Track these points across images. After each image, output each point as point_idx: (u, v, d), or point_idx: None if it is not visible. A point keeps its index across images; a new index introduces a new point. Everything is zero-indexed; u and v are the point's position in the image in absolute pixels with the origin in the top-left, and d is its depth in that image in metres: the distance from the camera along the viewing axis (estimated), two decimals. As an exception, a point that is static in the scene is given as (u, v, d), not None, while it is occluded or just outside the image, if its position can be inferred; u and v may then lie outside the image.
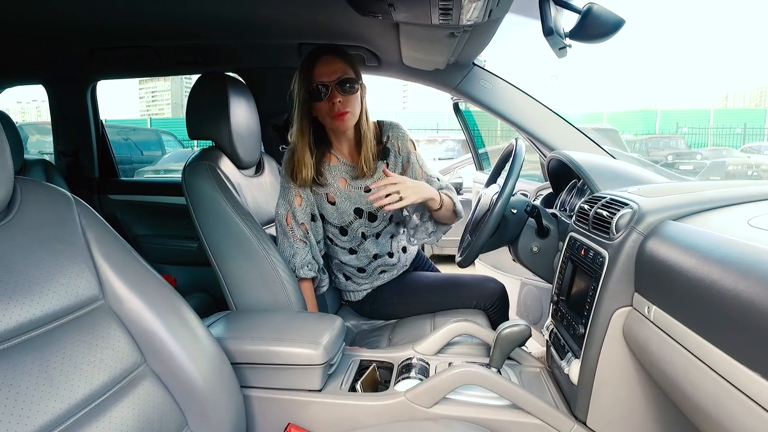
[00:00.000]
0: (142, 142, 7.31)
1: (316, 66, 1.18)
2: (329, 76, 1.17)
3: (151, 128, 11.64)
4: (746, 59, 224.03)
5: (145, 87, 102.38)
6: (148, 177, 6.22)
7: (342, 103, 1.18)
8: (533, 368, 1.07)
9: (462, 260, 1.27)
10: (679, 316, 0.62)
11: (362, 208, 1.31)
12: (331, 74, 1.17)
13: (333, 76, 1.17)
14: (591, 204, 0.97)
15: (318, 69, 1.18)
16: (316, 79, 1.17)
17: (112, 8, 1.27)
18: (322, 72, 1.17)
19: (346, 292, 1.48)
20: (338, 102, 1.17)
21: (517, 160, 1.15)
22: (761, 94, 49.88)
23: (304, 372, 0.93)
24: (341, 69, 1.18)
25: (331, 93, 1.17)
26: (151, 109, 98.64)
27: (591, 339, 0.82)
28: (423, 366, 1.02)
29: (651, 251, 0.72)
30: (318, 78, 1.17)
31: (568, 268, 1.02)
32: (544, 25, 0.80)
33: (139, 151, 7.01)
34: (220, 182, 1.18)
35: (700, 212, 0.76)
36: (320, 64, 1.18)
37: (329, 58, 1.18)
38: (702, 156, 9.89)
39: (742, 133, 13.19)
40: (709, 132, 13.80)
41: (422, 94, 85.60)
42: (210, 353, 0.83)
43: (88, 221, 0.75)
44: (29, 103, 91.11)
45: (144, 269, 0.80)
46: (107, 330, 0.71)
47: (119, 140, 6.82)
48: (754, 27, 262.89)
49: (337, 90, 1.17)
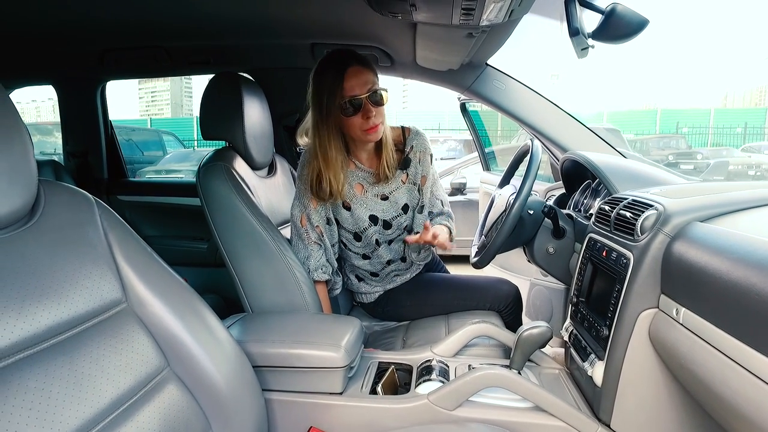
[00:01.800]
0: (142, 142, 7.30)
1: (346, 78, 1.11)
2: (360, 89, 1.12)
3: (151, 128, 11.63)
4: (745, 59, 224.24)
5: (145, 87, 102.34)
6: (150, 177, 6.21)
7: (375, 116, 1.14)
8: (552, 369, 1.07)
9: (478, 261, 1.26)
10: (712, 319, 0.62)
11: (377, 216, 1.29)
12: (362, 87, 1.12)
13: (364, 88, 1.12)
14: (612, 205, 0.96)
15: (347, 82, 1.11)
16: (348, 93, 1.11)
17: (122, 9, 1.26)
18: (352, 85, 1.11)
19: (359, 294, 1.47)
20: (373, 116, 1.13)
21: (534, 161, 1.15)
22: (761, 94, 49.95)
23: (326, 375, 0.92)
24: (370, 80, 1.13)
25: (364, 107, 1.12)
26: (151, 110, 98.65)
27: (616, 341, 0.82)
28: (443, 368, 1.01)
29: (679, 253, 0.71)
30: (349, 91, 1.11)
31: (587, 270, 1.02)
32: (570, 26, 0.80)
33: (140, 151, 7.01)
34: (236, 183, 1.17)
35: (727, 214, 0.76)
36: (349, 76, 1.11)
37: (356, 69, 1.12)
38: (702, 156, 9.89)
39: (743, 133, 13.20)
40: (710, 132, 13.81)
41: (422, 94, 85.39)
42: (232, 357, 0.82)
43: (110, 223, 0.75)
44: (29, 104, 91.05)
45: (165, 271, 0.79)
46: (131, 334, 0.71)
47: (120, 141, 6.81)
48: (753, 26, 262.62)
49: (370, 103, 1.13)
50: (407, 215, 1.32)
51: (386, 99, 1.17)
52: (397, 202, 1.29)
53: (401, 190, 1.30)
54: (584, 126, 1.54)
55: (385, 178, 1.26)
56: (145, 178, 4.64)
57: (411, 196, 1.32)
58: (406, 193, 1.31)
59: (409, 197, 1.31)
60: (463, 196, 4.14)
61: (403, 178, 1.30)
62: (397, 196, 1.29)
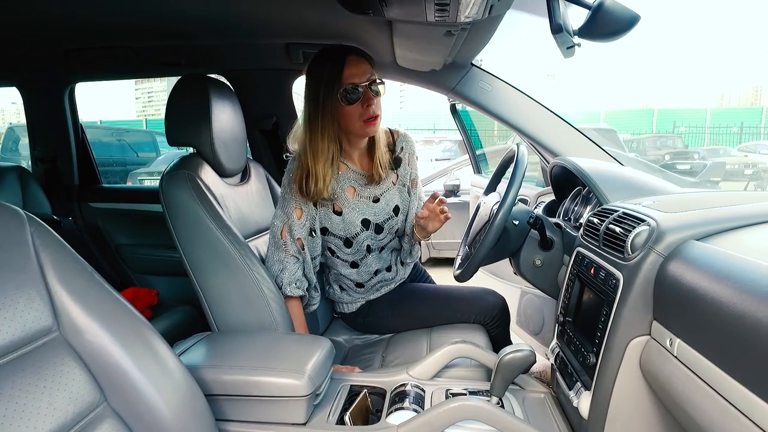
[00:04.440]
0: (136, 143, 7.21)
1: (346, 66, 1.08)
2: (360, 77, 1.09)
3: (145, 129, 11.50)
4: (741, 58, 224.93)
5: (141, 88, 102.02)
6: (142, 179, 6.12)
7: (375, 105, 1.11)
8: (537, 394, 0.99)
9: (460, 274, 1.19)
10: (711, 355, 0.54)
11: (369, 219, 1.23)
12: (361, 75, 1.09)
13: (364, 77, 1.09)
14: (601, 218, 0.89)
15: (348, 70, 1.08)
16: (347, 80, 1.08)
17: (87, 7, 1.19)
18: (352, 73, 1.08)
19: (340, 304, 1.40)
20: (373, 104, 1.10)
21: (519, 168, 1.07)
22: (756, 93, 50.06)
23: (287, 404, 0.85)
24: (369, 70, 1.11)
25: (365, 95, 1.10)
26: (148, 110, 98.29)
27: (603, 370, 0.74)
28: (418, 393, 0.94)
29: (674, 276, 0.64)
30: (349, 79, 1.08)
31: (575, 286, 0.94)
32: (552, 22, 0.72)
33: (133, 152, 6.92)
34: (200, 193, 1.09)
35: (728, 231, 0.68)
36: (349, 64, 1.09)
37: (356, 58, 1.10)
38: (699, 155, 9.86)
39: (739, 132, 13.18)
40: (706, 131, 13.79)
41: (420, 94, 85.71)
42: (182, 387, 0.75)
43: (43, 242, 0.67)
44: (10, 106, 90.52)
45: (108, 295, 0.72)
46: (61, 366, 0.63)
47: (113, 141, 6.72)
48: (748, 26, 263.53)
49: (370, 92, 1.10)
50: (398, 218, 1.28)
51: (383, 91, 1.14)
52: (388, 204, 1.26)
53: (392, 192, 1.27)
54: (575, 129, 1.47)
55: (378, 179, 1.22)
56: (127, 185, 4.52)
57: (402, 198, 1.29)
58: (397, 194, 1.28)
59: (400, 199, 1.28)
60: (456, 197, 4.08)
61: (394, 179, 1.27)
62: (388, 198, 1.26)
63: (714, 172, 7.13)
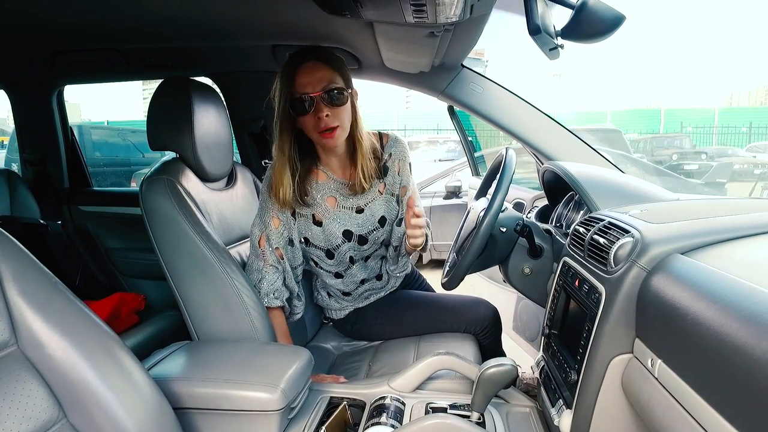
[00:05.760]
0: (142, 144, 7.22)
1: (298, 74, 1.02)
2: (313, 86, 1.01)
3: (146, 131, 11.51)
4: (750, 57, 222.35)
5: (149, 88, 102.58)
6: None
7: (330, 117, 1.02)
8: (522, 408, 0.96)
9: (447, 282, 1.15)
10: (691, 380, 0.51)
11: (352, 231, 1.17)
12: (315, 84, 1.01)
13: (318, 85, 1.01)
14: (587, 227, 0.85)
15: (300, 78, 1.02)
16: (299, 90, 1.02)
17: (73, 9, 1.17)
18: (305, 81, 1.02)
19: (328, 310, 1.37)
20: (325, 117, 1.02)
21: (505, 174, 1.04)
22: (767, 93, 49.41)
23: (260, 418, 0.82)
24: (327, 77, 1.02)
25: (316, 106, 1.02)
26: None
27: (584, 388, 0.71)
28: (397, 407, 0.91)
29: (656, 292, 0.60)
30: (301, 88, 1.02)
31: (561, 298, 0.91)
32: (530, 23, 0.69)
33: (139, 153, 6.94)
34: (179, 199, 1.07)
35: (715, 244, 0.64)
36: (302, 71, 1.02)
37: (312, 65, 1.02)
38: (707, 155, 9.71)
39: (748, 132, 13.00)
40: (714, 131, 13.62)
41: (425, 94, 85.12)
42: (149, 401, 0.72)
43: (4, 252, 0.65)
44: None
45: (72, 307, 0.69)
46: (15, 383, 0.61)
47: (118, 142, 6.74)
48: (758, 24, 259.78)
49: (323, 102, 1.02)
50: (384, 229, 1.21)
51: (351, 99, 1.06)
52: (373, 215, 1.18)
53: (377, 202, 1.19)
54: (569, 132, 1.42)
55: (361, 190, 1.14)
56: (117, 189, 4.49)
57: (389, 208, 1.21)
58: (384, 204, 1.20)
59: (386, 209, 1.20)
60: (458, 199, 4.04)
61: (380, 188, 1.19)
62: (373, 209, 1.18)
63: (721, 172, 7.01)
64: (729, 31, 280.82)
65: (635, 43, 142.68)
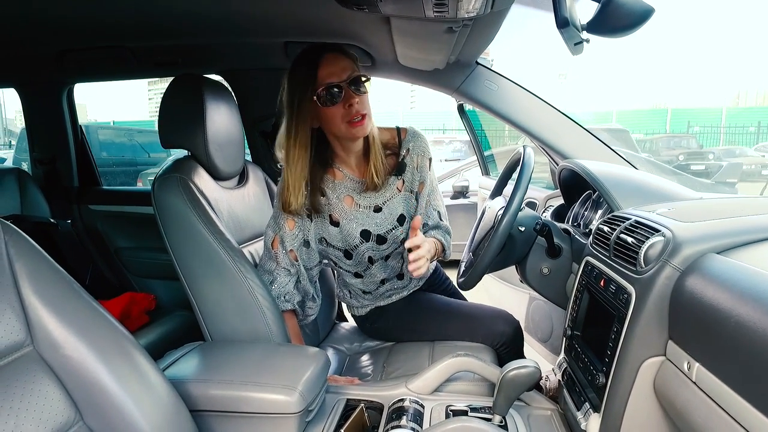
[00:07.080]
0: (148, 144, 7.24)
1: (321, 66, 1.00)
2: (339, 76, 0.99)
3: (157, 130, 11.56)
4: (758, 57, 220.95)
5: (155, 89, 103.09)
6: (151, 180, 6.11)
7: (360, 104, 1.01)
8: (544, 411, 0.94)
9: (463, 282, 1.13)
10: (735, 384, 0.49)
11: (370, 230, 1.13)
12: (340, 73, 1.00)
13: (343, 74, 1.00)
14: (612, 226, 0.83)
15: (323, 69, 1.00)
16: (324, 80, 0.99)
17: (82, 6, 1.15)
18: (329, 72, 0.99)
19: (350, 306, 1.35)
20: (356, 104, 1.00)
21: (525, 172, 1.02)
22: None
23: (278, 421, 0.80)
24: (349, 66, 1.01)
25: (345, 94, 1.00)
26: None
27: (614, 392, 0.69)
28: (417, 410, 0.89)
29: (692, 293, 0.58)
30: (325, 79, 0.99)
31: (583, 298, 0.88)
32: (558, 16, 0.67)
33: (145, 153, 6.95)
34: (192, 197, 1.05)
35: (751, 244, 0.62)
36: (324, 63, 1.00)
37: (333, 56, 1.01)
38: (714, 155, 9.63)
39: (756, 132, 12.88)
40: (721, 131, 13.50)
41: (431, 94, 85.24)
42: (165, 403, 0.71)
43: (18, 251, 0.64)
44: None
45: (88, 307, 0.68)
46: (31, 384, 0.60)
47: (125, 142, 6.76)
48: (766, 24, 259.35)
49: (352, 90, 1.00)
50: (404, 227, 1.17)
51: (368, 90, 1.04)
52: (392, 214, 1.14)
53: (396, 200, 1.15)
54: (585, 130, 1.40)
55: (373, 186, 1.11)
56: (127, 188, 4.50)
57: (408, 206, 1.17)
58: (402, 202, 1.16)
59: (405, 207, 1.16)
60: (465, 199, 4.02)
61: (399, 185, 1.15)
62: (392, 207, 1.14)
63: (730, 172, 6.95)
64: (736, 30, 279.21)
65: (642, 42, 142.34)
